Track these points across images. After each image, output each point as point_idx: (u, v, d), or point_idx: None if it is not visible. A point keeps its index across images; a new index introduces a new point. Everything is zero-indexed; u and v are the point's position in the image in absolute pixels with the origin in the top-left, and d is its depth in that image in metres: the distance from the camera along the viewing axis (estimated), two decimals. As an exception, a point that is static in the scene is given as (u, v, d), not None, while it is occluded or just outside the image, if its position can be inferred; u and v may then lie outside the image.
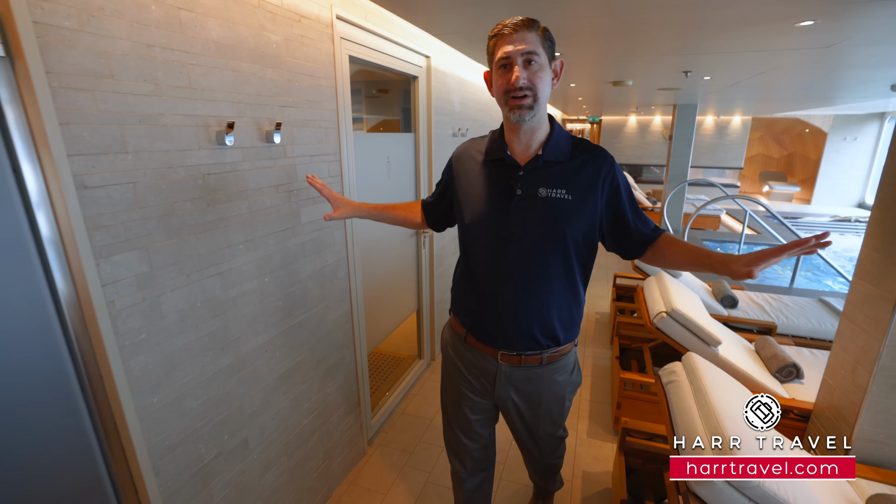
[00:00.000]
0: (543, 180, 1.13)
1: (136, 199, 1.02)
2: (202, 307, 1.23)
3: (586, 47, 2.58)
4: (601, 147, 1.19)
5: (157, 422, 1.14)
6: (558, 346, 1.25)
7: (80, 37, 0.87)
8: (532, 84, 1.04)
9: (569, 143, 1.16)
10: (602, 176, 1.13)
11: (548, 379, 1.28)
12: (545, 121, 1.15)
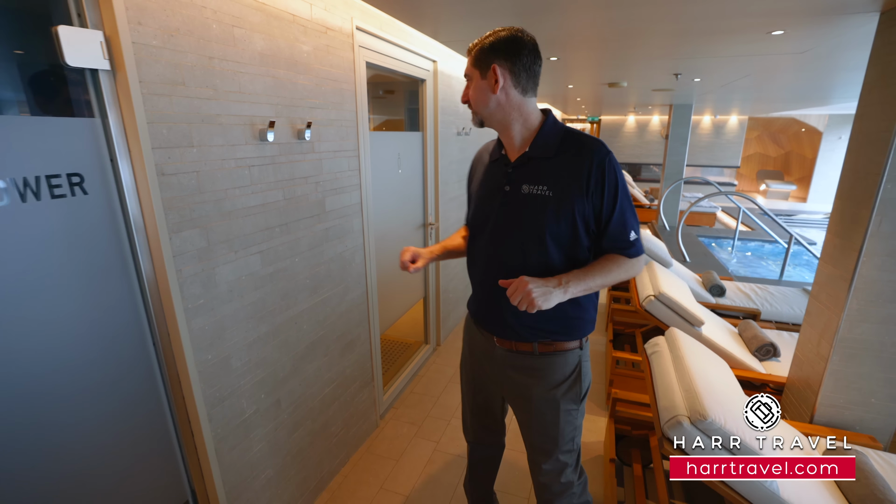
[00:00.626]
0: (527, 176, 1.16)
1: (198, 185, 1.22)
2: (246, 280, 1.43)
3: (582, 52, 2.78)
4: (596, 140, 1.13)
5: (210, 376, 1.34)
6: (556, 337, 1.21)
7: (162, 52, 1.08)
8: (468, 97, 1.18)
9: (557, 138, 1.15)
10: (586, 169, 1.09)
11: (541, 372, 1.24)
12: (531, 122, 1.17)
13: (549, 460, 1.31)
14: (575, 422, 1.28)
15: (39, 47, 0.96)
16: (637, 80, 3.97)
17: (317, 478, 1.93)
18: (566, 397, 1.25)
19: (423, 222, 2.94)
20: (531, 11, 1.88)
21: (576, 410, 1.28)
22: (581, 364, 1.25)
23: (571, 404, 1.26)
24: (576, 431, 1.30)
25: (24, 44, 1.00)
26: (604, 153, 1.10)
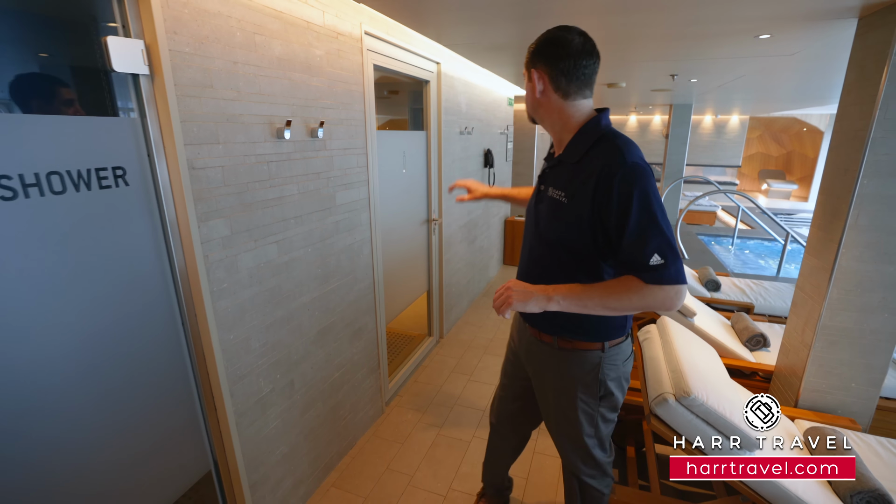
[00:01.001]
0: (555, 179, 1.20)
1: (223, 179, 1.34)
2: (264, 267, 1.55)
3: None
4: (618, 152, 1.05)
5: (231, 355, 1.46)
6: (572, 335, 1.24)
7: (193, 58, 1.19)
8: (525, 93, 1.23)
9: (589, 142, 1.11)
10: (597, 176, 1.05)
11: (559, 366, 1.29)
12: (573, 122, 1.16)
13: (571, 445, 1.38)
14: (592, 413, 1.30)
15: (89, 54, 1.08)
16: (635, 80, 4.07)
17: (327, 457, 2.04)
18: (583, 394, 1.27)
19: (426, 218, 3.05)
20: (529, 17, 1.99)
21: (594, 405, 1.28)
22: (601, 367, 1.23)
23: (588, 398, 1.27)
24: (596, 421, 1.32)
25: (74, 51, 1.12)
26: (619, 163, 1.02)
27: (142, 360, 1.22)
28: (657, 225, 1.01)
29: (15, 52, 1.02)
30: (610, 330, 1.22)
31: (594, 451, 1.38)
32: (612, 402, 1.30)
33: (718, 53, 2.65)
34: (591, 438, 1.35)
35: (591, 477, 1.42)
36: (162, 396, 1.30)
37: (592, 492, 1.44)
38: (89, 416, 1.10)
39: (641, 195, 1.01)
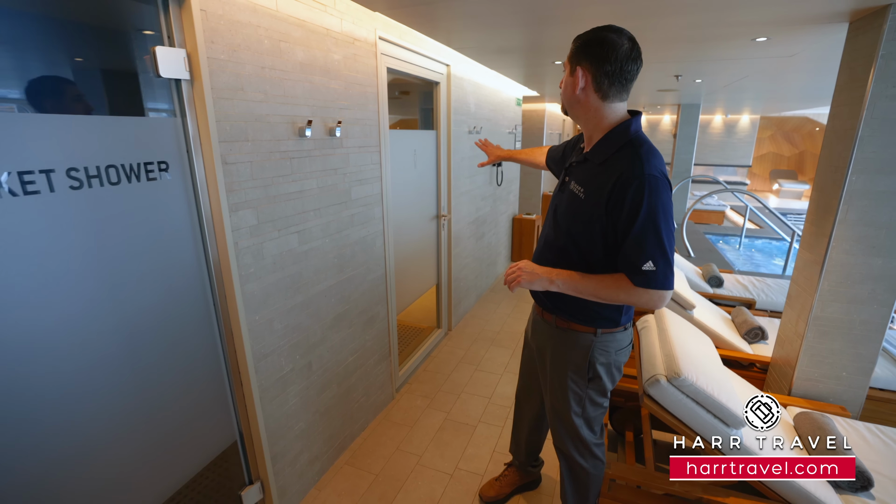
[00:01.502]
0: (578, 175, 1.28)
1: (251, 173, 1.48)
2: (286, 255, 1.69)
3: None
4: (638, 162, 1.11)
5: (257, 334, 1.59)
6: (567, 317, 1.36)
7: (227, 65, 1.33)
8: (561, 88, 1.26)
9: (615, 147, 1.17)
10: (614, 182, 1.12)
11: (556, 343, 1.42)
12: (605, 121, 1.20)
13: (559, 419, 1.50)
14: (581, 393, 1.41)
15: (141, 62, 1.22)
16: (640, 80, 4.14)
17: (341, 436, 2.18)
18: (573, 372, 1.39)
19: (436, 214, 3.17)
20: (534, 23, 2.10)
21: (582, 385, 1.40)
22: (592, 349, 1.35)
23: (577, 377, 1.39)
24: (583, 401, 1.43)
25: (128, 59, 1.26)
26: (635, 174, 1.09)
27: (179, 336, 1.36)
28: (658, 235, 1.10)
29: (77, 61, 1.17)
30: (601, 321, 1.34)
31: (581, 430, 1.49)
32: (600, 385, 1.41)
33: (719, 55, 2.73)
34: (578, 418, 1.47)
35: (580, 455, 1.54)
36: (195, 370, 1.44)
37: (579, 471, 1.56)
38: (132, 387, 1.24)
39: (650, 207, 1.09)
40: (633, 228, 1.11)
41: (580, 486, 1.61)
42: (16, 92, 1.07)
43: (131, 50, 1.30)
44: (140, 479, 1.28)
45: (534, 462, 1.95)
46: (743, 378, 2.33)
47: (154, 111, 1.28)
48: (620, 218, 1.13)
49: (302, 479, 1.91)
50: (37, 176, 0.97)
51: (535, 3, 1.77)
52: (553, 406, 1.51)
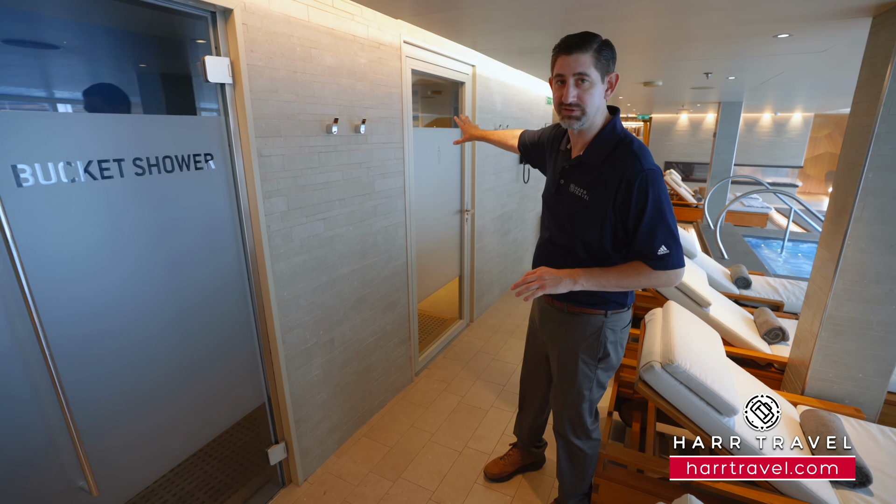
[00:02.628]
0: (576, 177, 1.35)
1: (283, 165, 1.67)
2: (313, 239, 1.88)
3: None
4: (636, 158, 1.22)
5: (284, 309, 1.79)
6: (576, 303, 1.45)
7: (264, 70, 1.53)
8: (581, 101, 1.22)
9: (609, 147, 1.27)
10: (619, 183, 1.22)
11: (567, 327, 1.50)
12: (596, 124, 1.31)
13: (566, 402, 1.59)
14: (590, 374, 1.52)
15: (193, 68, 1.43)
16: (671, 79, 4.09)
17: (360, 410, 2.36)
18: (584, 352, 1.49)
19: (460, 209, 3.31)
20: (562, 24, 2.17)
21: (593, 366, 1.51)
22: (603, 330, 1.46)
23: (589, 359, 1.50)
24: (591, 384, 1.54)
25: (182, 65, 1.48)
26: (637, 171, 1.20)
27: (218, 306, 1.57)
28: (666, 222, 1.24)
29: (140, 67, 1.40)
30: (612, 303, 1.45)
31: (584, 414, 1.60)
32: (609, 363, 1.52)
33: (743, 52, 2.69)
34: (585, 402, 1.58)
35: (577, 437, 1.64)
36: (231, 337, 1.65)
37: (577, 451, 1.66)
38: (178, 347, 1.46)
39: (655, 198, 1.22)
40: (643, 220, 1.22)
41: (577, 467, 1.70)
42: (95, 93, 1.30)
43: (186, 57, 1.52)
44: (184, 426, 1.50)
45: (537, 443, 2.05)
46: (759, 378, 2.33)
47: (203, 111, 1.50)
48: (630, 213, 1.24)
49: (322, 445, 2.11)
50: (111, 164, 1.19)
51: (566, 4, 1.81)
52: (562, 389, 1.59)
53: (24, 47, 1.34)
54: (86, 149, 1.14)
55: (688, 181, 10.62)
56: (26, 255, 1.04)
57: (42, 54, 1.27)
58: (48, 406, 1.13)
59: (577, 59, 1.20)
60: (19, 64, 1.34)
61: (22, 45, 1.39)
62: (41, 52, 1.28)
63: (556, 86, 1.27)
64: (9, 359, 1.06)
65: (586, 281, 1.31)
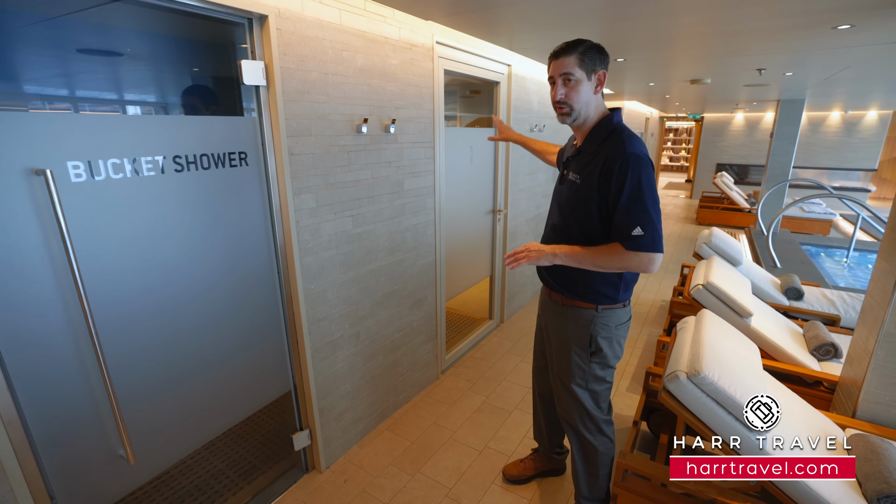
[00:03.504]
0: (574, 166, 1.46)
1: (313, 163, 1.74)
2: (341, 235, 1.94)
3: (649, 53, 2.91)
4: (622, 145, 1.31)
5: (311, 301, 1.87)
6: (572, 295, 1.51)
7: (295, 73, 1.60)
8: (567, 98, 1.37)
9: (603, 136, 1.38)
10: (602, 163, 1.32)
11: (562, 320, 1.57)
12: (592, 119, 1.42)
13: (563, 389, 1.62)
14: (583, 366, 1.55)
15: (231, 71, 1.53)
16: (720, 76, 3.86)
17: (383, 404, 2.41)
18: (576, 344, 1.54)
19: (492, 209, 3.30)
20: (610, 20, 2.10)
21: (585, 359, 1.54)
22: (594, 323, 1.50)
23: (580, 350, 1.54)
24: (586, 376, 1.56)
25: (223, 69, 1.58)
26: (619, 152, 1.29)
27: (249, 295, 1.67)
28: (643, 204, 1.28)
29: (184, 71, 1.50)
30: (601, 297, 1.48)
31: (585, 402, 1.60)
32: (602, 358, 1.54)
33: (799, 46, 2.50)
34: (582, 390, 1.59)
35: (587, 430, 1.63)
36: (260, 326, 1.74)
37: (589, 447, 1.63)
38: (211, 332, 1.56)
39: (634, 180, 1.28)
40: (620, 200, 1.29)
41: (590, 465, 1.67)
42: (151, 96, 1.42)
43: (228, 62, 1.61)
44: (215, 405, 1.60)
45: (558, 450, 2.02)
46: (805, 397, 2.18)
47: (240, 111, 1.59)
48: (610, 192, 1.30)
49: (345, 435, 2.17)
50: (152, 161, 1.30)
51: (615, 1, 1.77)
52: (558, 376, 1.63)
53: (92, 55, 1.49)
54: (131, 147, 1.25)
55: (742, 184, 9.98)
56: (78, 243, 1.15)
57: (110, 61, 1.41)
58: (93, 380, 1.25)
59: (563, 62, 1.36)
60: (87, 70, 1.49)
61: (91, 53, 1.54)
62: (110, 60, 1.41)
63: (551, 87, 1.43)
64: (62, 336, 1.17)
65: (566, 256, 1.39)
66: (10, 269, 1.07)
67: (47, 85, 1.59)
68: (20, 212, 1.07)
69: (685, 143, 16.40)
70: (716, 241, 3.26)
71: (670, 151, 16.73)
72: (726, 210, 7.88)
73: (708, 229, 3.52)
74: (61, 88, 1.62)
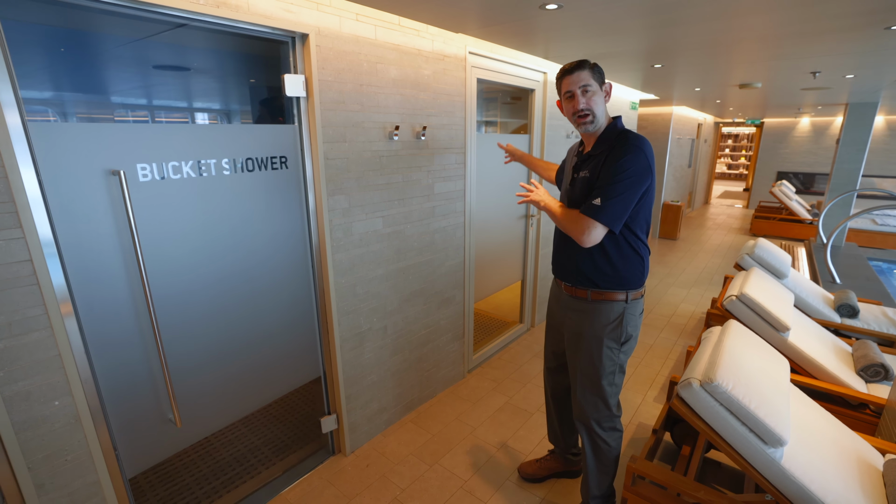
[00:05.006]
0: (584, 166, 1.57)
1: (346, 167, 1.89)
2: (371, 235, 2.08)
3: (691, 59, 2.85)
4: (630, 141, 1.46)
5: (341, 295, 2.02)
6: (598, 287, 1.58)
7: (333, 84, 1.76)
8: (589, 106, 1.50)
9: (612, 140, 1.51)
10: (608, 152, 1.48)
11: (591, 315, 1.61)
12: (602, 126, 1.56)
13: (590, 387, 1.65)
14: (615, 359, 1.62)
15: (275, 84, 1.71)
16: (771, 80, 3.67)
17: (408, 398, 2.53)
18: (609, 337, 1.60)
19: (525, 214, 3.34)
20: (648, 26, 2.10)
21: (617, 350, 1.61)
22: (625, 313, 1.58)
23: (613, 343, 1.60)
24: (615, 368, 1.62)
25: (266, 81, 1.76)
26: (627, 146, 1.44)
27: (286, 286, 1.84)
28: (616, 185, 1.42)
29: (237, 83, 1.70)
30: (632, 284, 1.57)
31: (609, 399, 1.64)
32: (630, 346, 1.64)
33: (852, 48, 2.36)
34: (611, 385, 1.63)
35: (600, 426, 1.66)
36: (294, 314, 1.91)
37: (602, 444, 1.67)
38: (250, 318, 1.74)
39: (623, 165, 1.42)
40: (605, 181, 1.44)
41: (603, 462, 1.71)
42: (210, 105, 1.62)
43: (275, 76, 1.80)
44: (251, 383, 1.78)
45: (574, 450, 2.04)
46: (847, 418, 2.07)
47: (282, 120, 1.76)
48: (600, 175, 1.46)
49: (371, 424, 2.31)
50: (206, 164, 1.49)
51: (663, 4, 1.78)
52: (586, 375, 1.65)
53: (164, 70, 1.73)
54: (190, 152, 1.44)
55: (807, 194, 9.28)
56: (143, 234, 1.35)
57: (179, 75, 1.63)
58: (150, 352, 1.45)
59: (580, 75, 1.49)
60: (159, 83, 1.72)
61: (163, 68, 1.78)
62: (178, 74, 1.63)
63: (567, 102, 1.55)
64: (127, 312, 1.38)
65: (547, 209, 1.56)
66: (90, 253, 1.28)
67: (129, 96, 1.85)
68: (99, 205, 1.27)
69: (745, 150, 15.45)
70: (759, 252, 3.12)
71: (728, 159, 15.82)
72: (784, 221, 7.37)
73: (754, 240, 3.37)
74: (140, 98, 1.88)
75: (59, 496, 1.28)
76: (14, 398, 1.17)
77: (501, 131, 3.69)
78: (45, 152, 1.16)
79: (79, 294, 1.27)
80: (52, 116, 1.63)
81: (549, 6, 1.75)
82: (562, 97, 1.58)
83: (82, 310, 1.28)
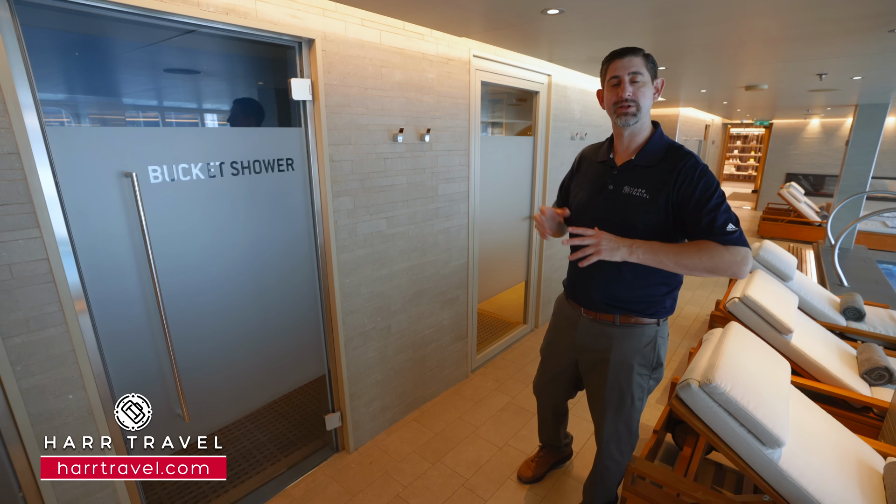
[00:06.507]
0: (630, 180, 1.39)
1: (351, 169, 1.93)
2: (375, 235, 2.12)
3: (697, 61, 2.85)
4: (689, 152, 1.34)
5: (346, 294, 2.05)
6: (629, 313, 1.45)
7: (338, 88, 1.79)
8: (635, 97, 1.31)
9: (661, 151, 1.36)
10: (676, 172, 1.30)
11: (619, 339, 1.47)
12: (646, 128, 1.39)
13: (618, 415, 1.56)
14: (644, 385, 1.53)
15: (281, 87, 1.75)
16: (777, 81, 3.66)
17: (412, 396, 2.56)
18: (640, 365, 1.49)
19: (528, 215, 3.36)
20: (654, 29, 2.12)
21: (647, 376, 1.52)
22: (657, 339, 1.48)
23: (643, 370, 1.51)
24: (643, 393, 1.54)
25: (273, 84, 1.81)
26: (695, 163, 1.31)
27: (292, 286, 1.87)
28: (725, 204, 1.28)
29: (246, 86, 1.74)
30: (663, 309, 1.46)
31: (633, 427, 1.59)
32: (659, 374, 1.56)
33: (856, 50, 2.36)
34: (637, 413, 1.57)
35: (622, 454, 1.63)
36: (300, 313, 1.95)
37: (614, 469, 1.67)
38: (257, 317, 1.78)
39: (715, 185, 1.29)
40: (709, 202, 1.26)
41: (608, 482, 1.72)
42: (218, 107, 1.66)
43: (282, 80, 1.84)
44: (257, 380, 1.82)
45: (564, 440, 2.10)
46: (850, 421, 2.07)
47: (288, 123, 1.81)
48: (693, 197, 1.28)
49: (374, 422, 2.34)
50: (214, 166, 1.53)
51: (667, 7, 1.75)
52: (611, 403, 1.55)
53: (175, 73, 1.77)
54: (199, 154, 1.48)
55: (817, 196, 9.18)
56: (154, 233, 1.40)
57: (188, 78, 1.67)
58: (160, 347, 1.49)
59: (631, 60, 1.31)
60: (169, 86, 1.76)
61: (174, 72, 1.83)
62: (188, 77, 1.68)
63: (611, 89, 1.37)
64: (137, 308, 1.42)
65: (643, 253, 1.27)
66: (103, 252, 1.32)
67: (139, 98, 1.90)
68: (112, 206, 1.32)
69: (755, 151, 15.31)
70: (764, 255, 3.11)
71: (737, 160, 15.69)
72: (792, 223, 7.30)
73: (759, 242, 3.36)
74: (151, 100, 1.93)
75: (72, 486, 1.33)
76: (31, 391, 1.22)
77: (507, 132, 3.71)
78: (61, 155, 1.20)
79: (92, 292, 1.31)
80: (65, 118, 1.69)
81: (551, 11, 1.77)
82: (604, 84, 1.39)
83: (95, 307, 1.33)
